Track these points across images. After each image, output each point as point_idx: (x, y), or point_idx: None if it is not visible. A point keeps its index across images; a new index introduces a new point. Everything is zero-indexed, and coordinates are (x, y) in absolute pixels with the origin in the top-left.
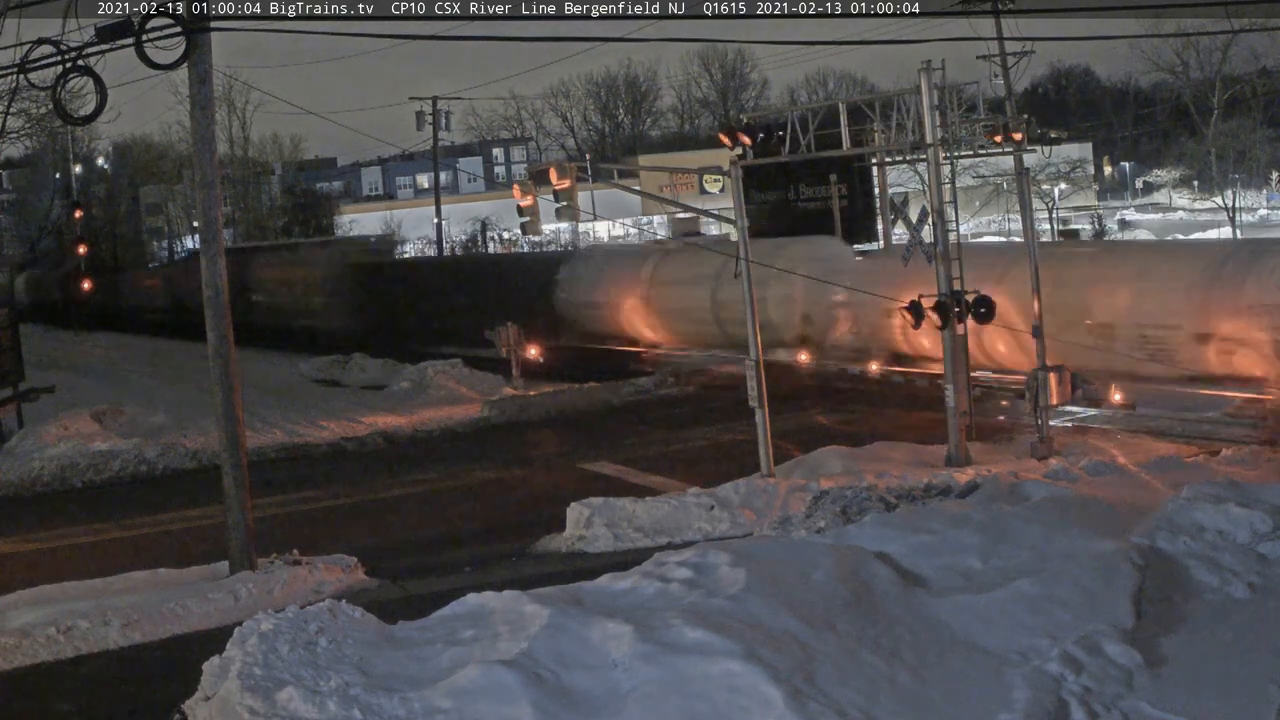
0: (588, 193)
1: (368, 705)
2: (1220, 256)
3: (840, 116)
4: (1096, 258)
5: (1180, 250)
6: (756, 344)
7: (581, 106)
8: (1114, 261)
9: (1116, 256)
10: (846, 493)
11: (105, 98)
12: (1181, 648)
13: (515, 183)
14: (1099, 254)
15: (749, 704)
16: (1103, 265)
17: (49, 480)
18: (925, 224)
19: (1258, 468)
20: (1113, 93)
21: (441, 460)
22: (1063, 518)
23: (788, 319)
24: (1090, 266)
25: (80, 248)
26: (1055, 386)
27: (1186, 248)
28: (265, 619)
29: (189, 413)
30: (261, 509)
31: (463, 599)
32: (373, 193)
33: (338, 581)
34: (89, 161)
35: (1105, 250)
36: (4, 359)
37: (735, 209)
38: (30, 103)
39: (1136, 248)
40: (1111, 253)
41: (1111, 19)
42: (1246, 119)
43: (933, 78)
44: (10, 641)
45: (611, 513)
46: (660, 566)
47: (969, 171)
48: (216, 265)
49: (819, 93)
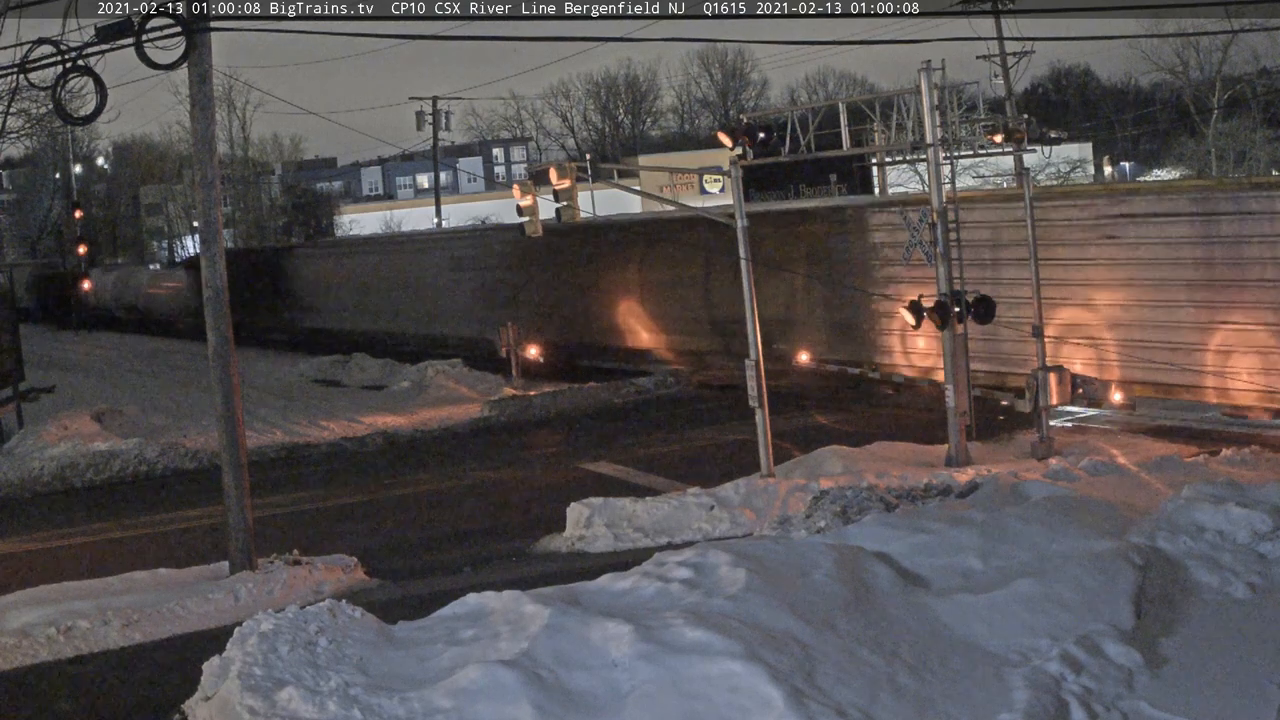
0: (588, 193)
1: (368, 705)
2: None
3: (840, 116)
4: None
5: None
6: (757, 344)
7: (581, 106)
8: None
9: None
10: (846, 493)
11: (105, 98)
12: (1181, 648)
13: (515, 183)
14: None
15: (749, 704)
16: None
17: (49, 480)
18: (925, 224)
19: (1258, 468)
20: (1113, 93)
21: (441, 460)
22: (1063, 518)
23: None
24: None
25: (80, 248)
26: (1055, 386)
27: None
28: (265, 619)
29: (189, 413)
30: (261, 509)
31: (463, 599)
32: (373, 193)
33: (338, 581)
34: (89, 161)
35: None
36: (4, 359)
37: (735, 209)
38: (30, 103)
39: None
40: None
41: (1111, 19)
42: (1246, 119)
43: (933, 78)
44: (10, 641)
45: (611, 513)
46: (660, 566)
47: (969, 171)
48: (216, 265)
49: (819, 93)
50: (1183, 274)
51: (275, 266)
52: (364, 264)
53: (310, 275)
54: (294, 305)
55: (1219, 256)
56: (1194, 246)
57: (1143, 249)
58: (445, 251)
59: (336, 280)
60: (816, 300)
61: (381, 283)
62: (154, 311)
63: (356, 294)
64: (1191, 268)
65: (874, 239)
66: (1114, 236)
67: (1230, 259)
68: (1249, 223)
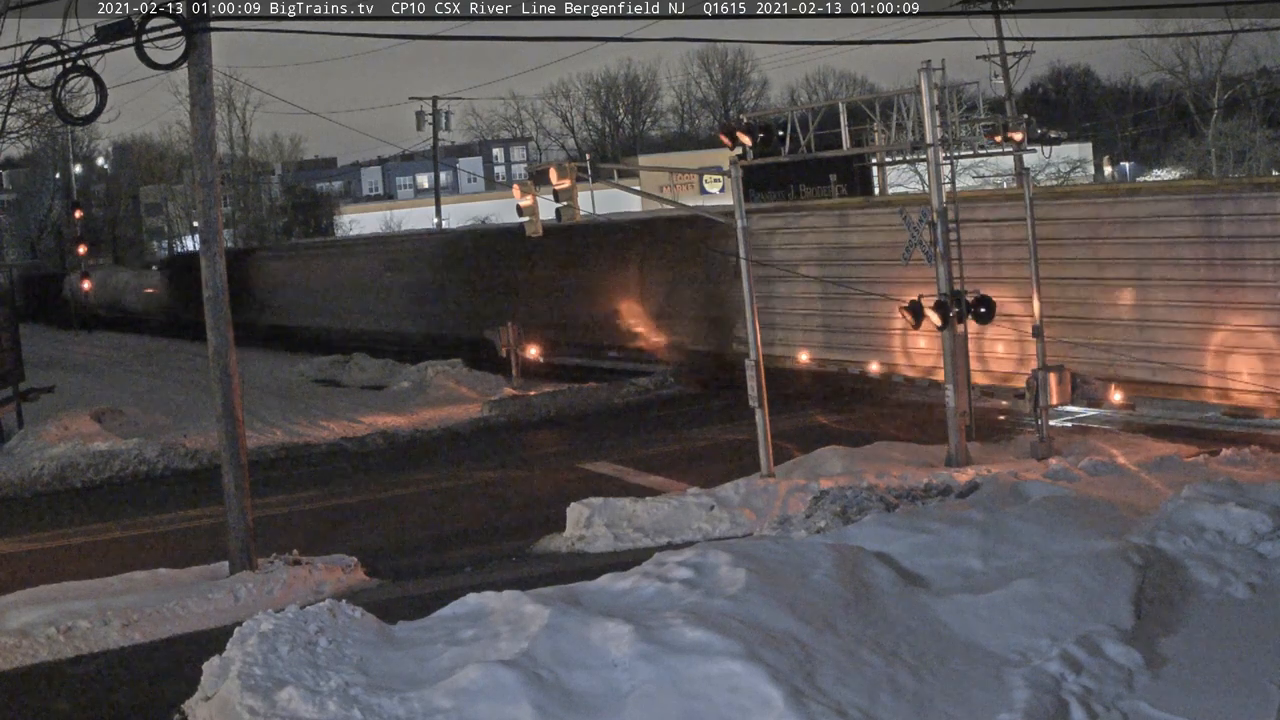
0: (588, 193)
1: (368, 705)
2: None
3: (840, 116)
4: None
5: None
6: (756, 344)
7: (581, 106)
8: None
9: None
10: (846, 493)
11: (105, 98)
12: (1181, 648)
13: (515, 183)
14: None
15: (749, 704)
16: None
17: (49, 480)
18: (925, 224)
19: (1258, 468)
20: (1113, 93)
21: (441, 460)
22: (1063, 518)
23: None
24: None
25: (80, 247)
26: (1055, 386)
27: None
28: (265, 619)
29: (189, 413)
30: (261, 509)
31: (463, 599)
32: (373, 193)
33: (338, 581)
34: (89, 161)
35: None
36: (4, 359)
37: (735, 209)
38: (30, 103)
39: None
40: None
41: (1111, 19)
42: (1246, 119)
43: (932, 78)
44: (10, 641)
45: (611, 513)
46: (660, 566)
47: (969, 171)
48: (216, 265)
49: (819, 93)
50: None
51: (240, 268)
52: (312, 266)
53: (267, 276)
54: (253, 304)
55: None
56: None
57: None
58: (381, 254)
59: (289, 281)
60: (687, 298)
61: (323, 283)
62: (130, 310)
63: (303, 294)
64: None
65: (731, 244)
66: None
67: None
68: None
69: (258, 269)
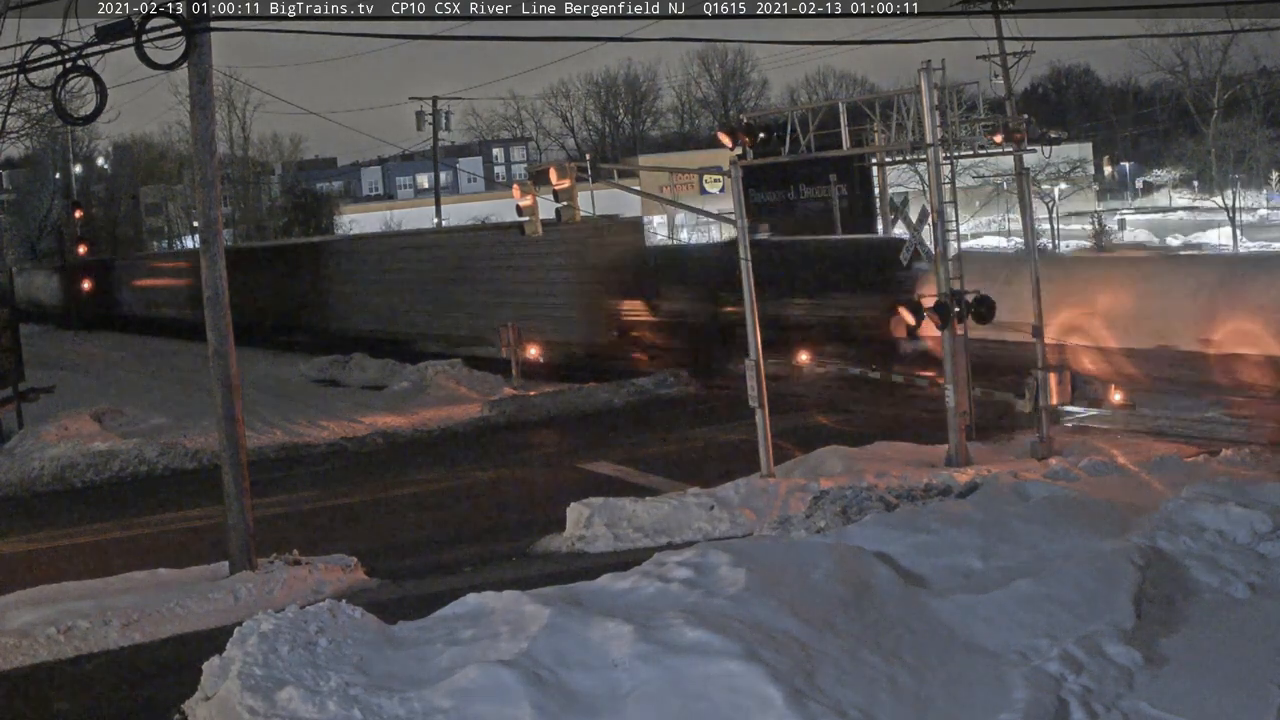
0: (588, 193)
1: (368, 705)
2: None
3: (840, 116)
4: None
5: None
6: (757, 344)
7: (581, 106)
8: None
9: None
10: (846, 493)
11: (105, 98)
12: (1181, 648)
13: (515, 183)
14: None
15: (749, 704)
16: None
17: (49, 480)
18: (925, 224)
19: (1258, 468)
20: (1113, 93)
21: (441, 460)
22: (1063, 518)
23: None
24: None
25: (81, 247)
26: (1055, 386)
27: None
28: (265, 619)
29: (189, 413)
30: (261, 509)
31: (463, 599)
32: (373, 193)
33: (338, 581)
34: (89, 161)
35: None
36: (4, 359)
37: (735, 209)
38: (30, 103)
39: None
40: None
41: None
42: (1246, 119)
43: (932, 78)
44: (10, 641)
45: (611, 513)
46: (660, 566)
47: (969, 171)
48: (217, 265)
49: (819, 93)
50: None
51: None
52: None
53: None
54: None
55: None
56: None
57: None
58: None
59: (243, 282)
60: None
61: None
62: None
63: (243, 292)
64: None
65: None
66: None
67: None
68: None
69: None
